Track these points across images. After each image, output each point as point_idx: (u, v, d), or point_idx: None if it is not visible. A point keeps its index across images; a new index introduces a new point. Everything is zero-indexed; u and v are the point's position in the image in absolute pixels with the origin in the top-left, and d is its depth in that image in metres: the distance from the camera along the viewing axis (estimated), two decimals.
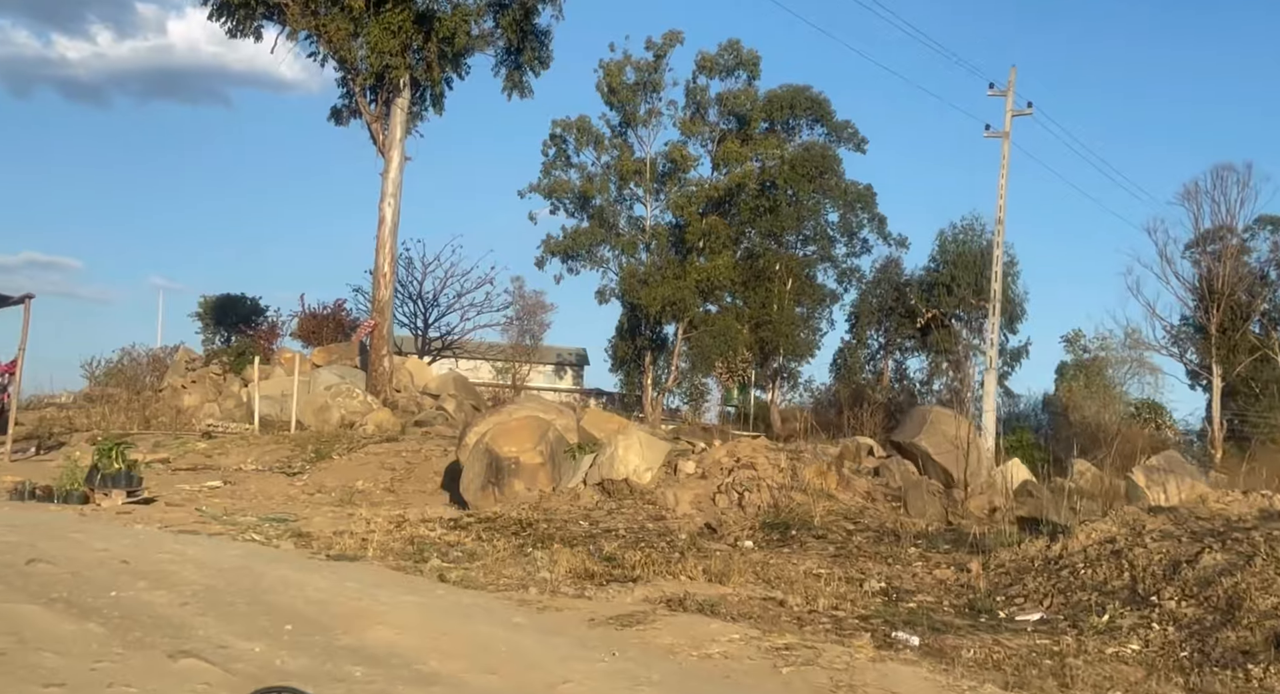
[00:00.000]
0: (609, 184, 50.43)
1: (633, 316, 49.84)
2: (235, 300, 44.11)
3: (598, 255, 50.71)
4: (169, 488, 17.98)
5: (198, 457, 21.08)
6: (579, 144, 50.19)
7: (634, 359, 50.83)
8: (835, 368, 51.00)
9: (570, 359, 57.35)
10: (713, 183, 49.09)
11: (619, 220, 50.80)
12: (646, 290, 47.23)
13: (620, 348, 50.77)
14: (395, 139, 27.30)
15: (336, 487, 18.47)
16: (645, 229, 50.59)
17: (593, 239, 50.14)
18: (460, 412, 26.37)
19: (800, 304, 50.38)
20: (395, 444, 20.85)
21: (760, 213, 48.69)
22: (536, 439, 16.14)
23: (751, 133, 49.01)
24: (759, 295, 49.02)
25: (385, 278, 27.97)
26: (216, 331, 44.89)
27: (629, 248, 50.17)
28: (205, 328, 44.93)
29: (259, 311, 42.96)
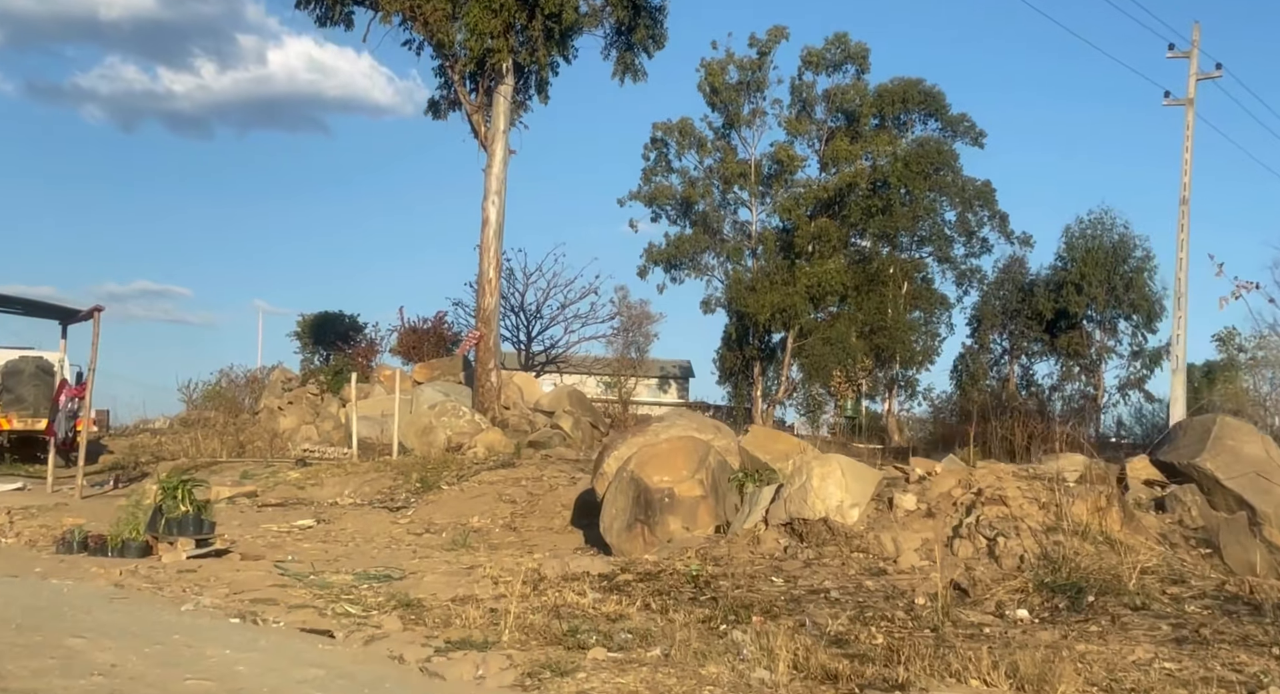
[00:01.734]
0: (712, 188, 46.77)
1: (740, 326, 46.02)
2: (333, 318, 41.42)
3: (702, 263, 47.09)
4: (253, 529, 14.66)
5: (289, 488, 17.80)
6: (680, 148, 46.64)
7: (742, 370, 46.99)
8: (956, 374, 46.48)
9: (674, 372, 53.70)
10: (821, 183, 45.10)
11: (723, 226, 47.12)
12: (754, 298, 43.41)
13: (727, 359, 46.97)
14: (498, 130, 23.94)
15: (447, 524, 14.98)
16: (751, 234, 46.81)
17: (696, 246, 46.53)
18: (578, 430, 22.80)
19: (916, 308, 46.04)
20: (511, 471, 17.31)
21: (872, 213, 44.57)
22: (694, 465, 12.42)
23: (861, 130, 44.96)
24: (872, 300, 44.81)
25: (490, 284, 24.60)
26: (315, 350, 42.25)
27: (734, 254, 46.44)
28: (304, 347, 42.32)
29: (357, 328, 40.13)
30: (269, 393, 31.13)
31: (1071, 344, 42.44)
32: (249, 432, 28.53)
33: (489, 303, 24.73)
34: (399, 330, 32.38)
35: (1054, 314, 42.37)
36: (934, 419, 43.28)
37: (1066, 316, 42.28)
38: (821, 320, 45.06)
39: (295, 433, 27.74)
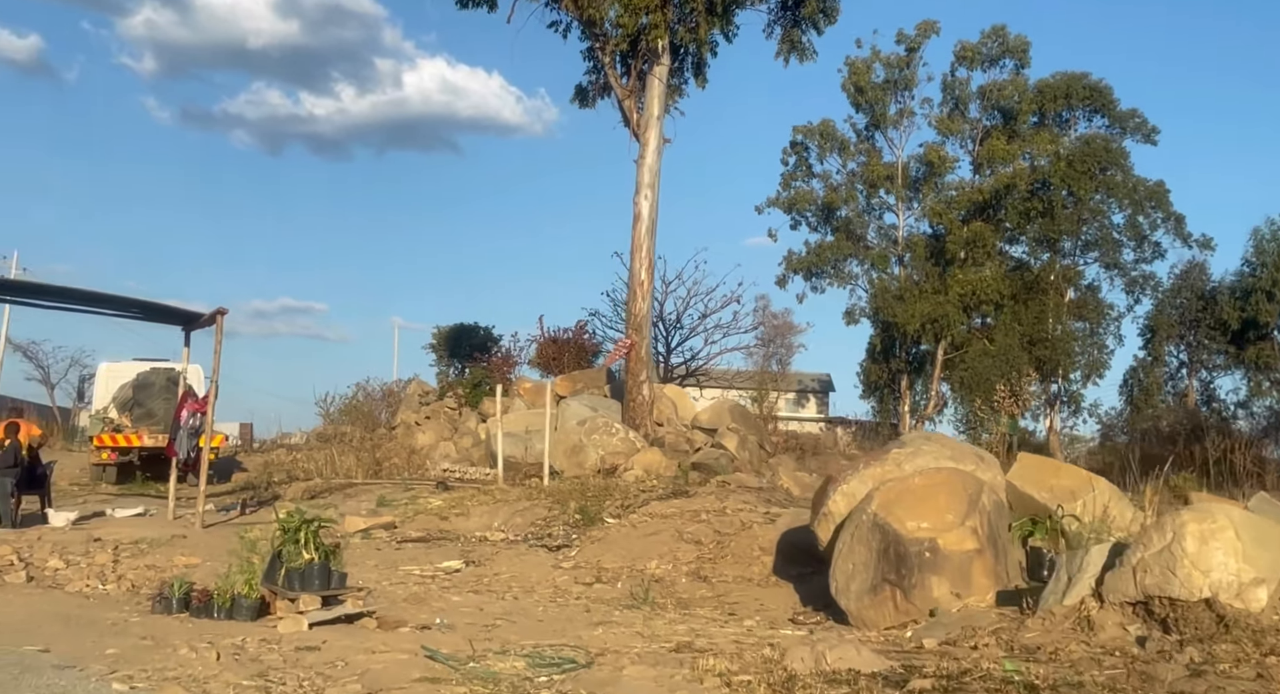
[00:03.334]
0: (855, 193, 43.03)
1: (886, 337, 42.09)
2: (468, 330, 39.03)
3: (845, 271, 43.34)
4: (390, 572, 11.77)
5: (430, 518, 14.93)
6: (822, 151, 43.04)
7: (888, 384, 42.98)
8: (1126, 390, 41.57)
9: (813, 385, 49.97)
10: (975, 186, 40.95)
11: (867, 232, 43.32)
12: (902, 307, 39.49)
13: (872, 371, 43.04)
14: (652, 116, 20.89)
15: (620, 569, 11.84)
16: (898, 240, 42.87)
17: (839, 253, 42.82)
18: (744, 450, 19.48)
19: (1081, 318, 41.36)
20: (686, 501, 14.09)
21: (1031, 217, 40.13)
22: (962, 507, 8.99)
23: (1019, 128, 40.66)
24: (1031, 309, 40.30)
25: (642, 287, 21.52)
26: (450, 363, 40.00)
27: (880, 261, 42.56)
28: (439, 360, 40.09)
29: (492, 340, 37.60)
30: (406, 407, 28.71)
31: (1261, 356, 37.27)
32: (385, 448, 26.08)
33: (641, 308, 21.65)
34: (538, 340, 29.57)
35: (1240, 324, 37.28)
36: (1103, 438, 38.66)
37: (1255, 326, 37.18)
38: (975, 331, 40.87)
39: (433, 450, 25.12)
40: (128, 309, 15.24)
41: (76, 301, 14.63)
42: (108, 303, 14.83)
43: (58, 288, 14.13)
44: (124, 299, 14.74)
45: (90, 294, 14.31)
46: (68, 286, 14.13)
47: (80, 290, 14.22)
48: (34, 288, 14.17)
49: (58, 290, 14.28)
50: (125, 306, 15.04)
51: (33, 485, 14.87)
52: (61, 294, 14.47)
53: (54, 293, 14.45)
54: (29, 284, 13.83)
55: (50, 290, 14.37)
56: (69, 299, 14.60)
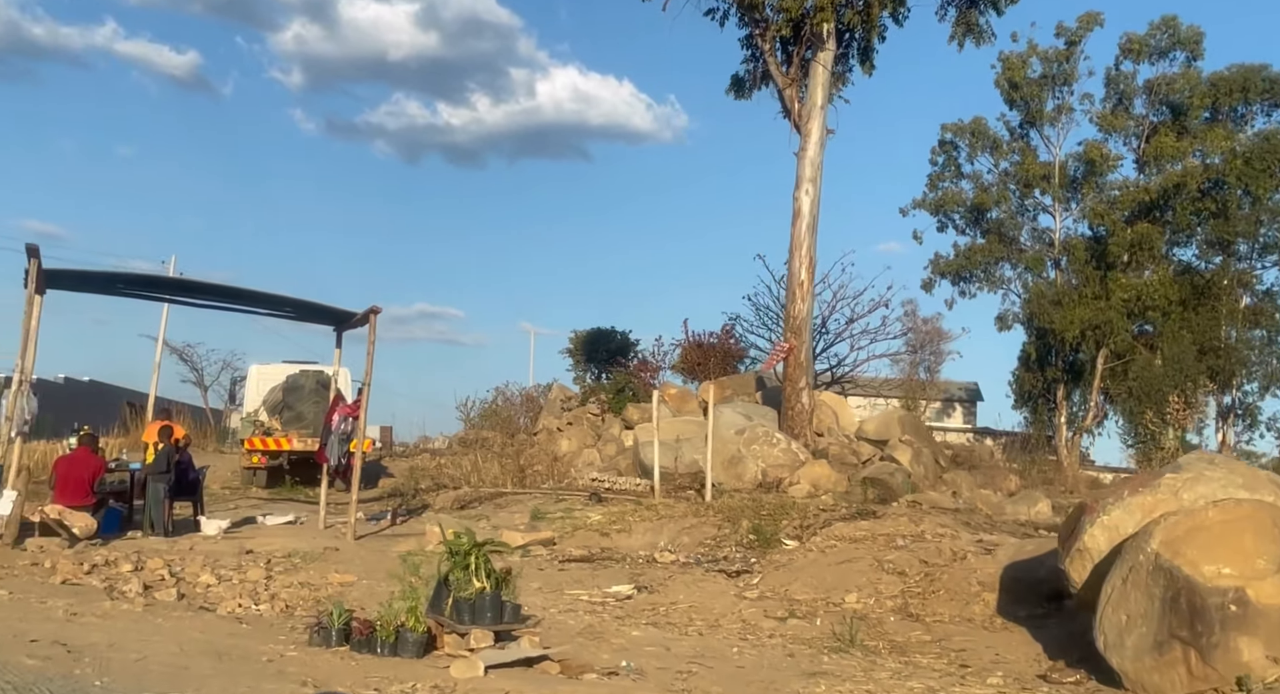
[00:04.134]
0: (1008, 193, 40.23)
1: (1041, 344, 39.09)
2: (605, 334, 37.95)
3: (996, 275, 40.58)
4: (557, 597, 10.45)
5: (590, 534, 13.61)
6: (972, 150, 40.42)
7: (1043, 393, 39.99)
8: None
9: (959, 394, 47.22)
10: (1140, 185, 37.74)
11: (1020, 234, 40.44)
12: (1060, 313, 36.54)
13: (1026, 380, 40.07)
14: (815, 105, 19.24)
15: (813, 602, 10.25)
16: (1054, 242, 39.90)
17: (989, 256, 40.08)
18: (918, 465, 17.61)
19: (1257, 326, 37.71)
20: (875, 523, 12.40)
21: (1203, 218, 36.71)
22: (1277, 551, 7.10)
23: (1189, 124, 37.28)
24: (1201, 316, 36.84)
25: (803, 287, 19.86)
26: (587, 368, 38.99)
27: (1035, 264, 39.66)
28: (576, 365, 39.12)
29: (629, 345, 36.42)
30: (547, 412, 27.64)
31: None
32: (528, 453, 25.03)
33: (800, 309, 19.99)
34: (682, 345, 28.17)
35: None
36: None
37: None
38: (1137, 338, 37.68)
39: (576, 457, 23.95)
40: (282, 308, 14.43)
41: (234, 300, 13.90)
42: (264, 302, 14.05)
43: (218, 286, 13.41)
44: (280, 298, 13.92)
45: (248, 293, 13.54)
46: (227, 285, 13.43)
47: (238, 289, 13.47)
48: (195, 286, 13.48)
49: (217, 289, 13.55)
50: (280, 305, 14.22)
51: (185, 491, 14.16)
52: (221, 293, 13.74)
53: (214, 291, 13.74)
54: (191, 282, 13.15)
55: (210, 289, 13.66)
56: (227, 298, 13.88)
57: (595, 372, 38.91)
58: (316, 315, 14.61)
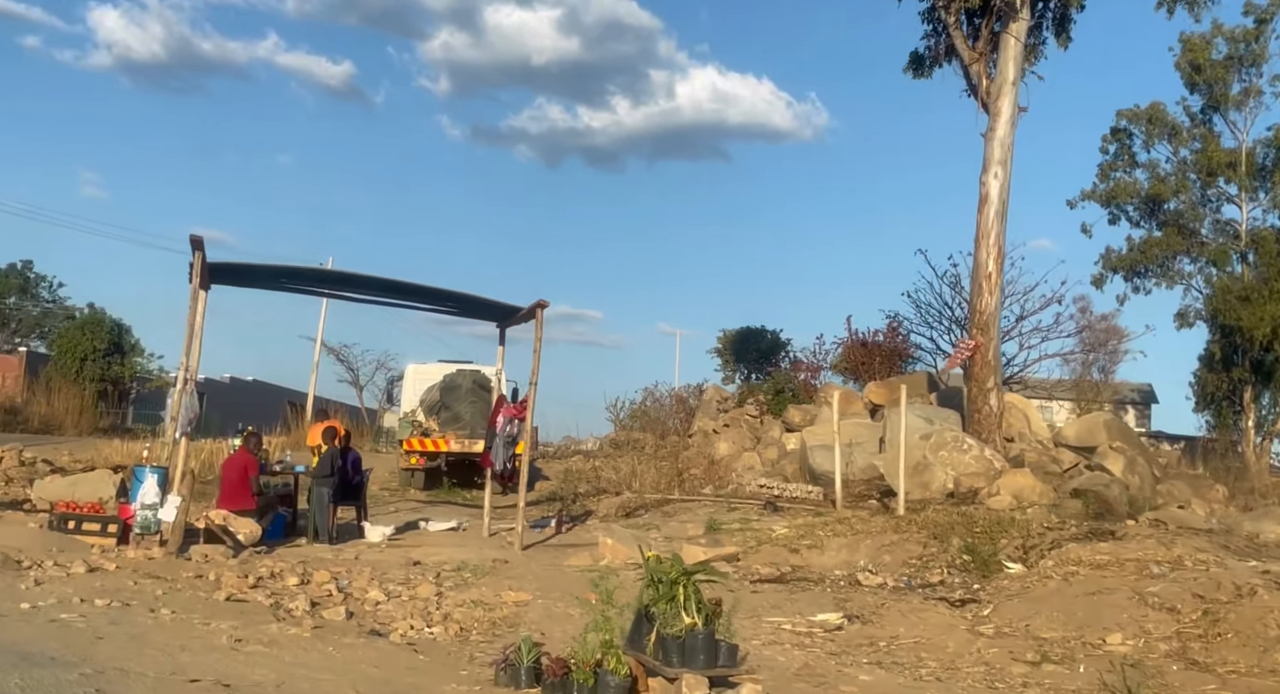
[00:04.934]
0: (1188, 183, 36.84)
1: (1226, 343, 35.59)
2: (755, 334, 36.38)
3: (1174, 269, 37.26)
4: (756, 627, 8.99)
5: (777, 549, 12.10)
6: (1149, 137, 37.17)
7: (1227, 396, 36.42)
8: None
9: (1132, 396, 43.72)
10: None
11: (1202, 226, 36.99)
12: (1249, 310, 33.10)
13: (1208, 381, 36.57)
14: (1005, 82, 17.27)
15: (1065, 641, 8.50)
16: (1240, 234, 36.33)
17: (1167, 250, 36.80)
18: (1132, 474, 15.45)
19: None
20: (1116, 545, 10.50)
21: None
22: None
23: None
24: None
25: (990, 279, 17.90)
26: (736, 368, 37.48)
27: (1220, 258, 36.19)
28: (724, 365, 37.67)
29: (780, 345, 34.71)
30: (702, 414, 26.25)
31: None
32: (683, 456, 23.70)
33: (988, 303, 18.02)
34: (845, 343, 26.33)
35: None
36: None
37: None
38: None
39: (734, 460, 22.47)
40: (446, 303, 13.48)
41: (398, 295, 13.03)
42: (428, 296, 13.13)
43: (383, 280, 12.52)
44: (444, 292, 12.96)
45: (412, 287, 12.61)
46: (392, 279, 12.49)
47: (403, 283, 12.54)
48: (359, 280, 12.63)
49: (382, 283, 12.67)
50: (444, 300, 13.27)
51: (349, 495, 13.33)
52: (385, 287, 12.86)
53: (378, 285, 12.88)
54: (355, 276, 12.27)
55: (374, 283, 12.79)
56: (391, 292, 13.01)
57: (745, 372, 37.40)
58: (480, 310, 13.59)
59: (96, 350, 34.38)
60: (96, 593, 7.97)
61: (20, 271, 45.00)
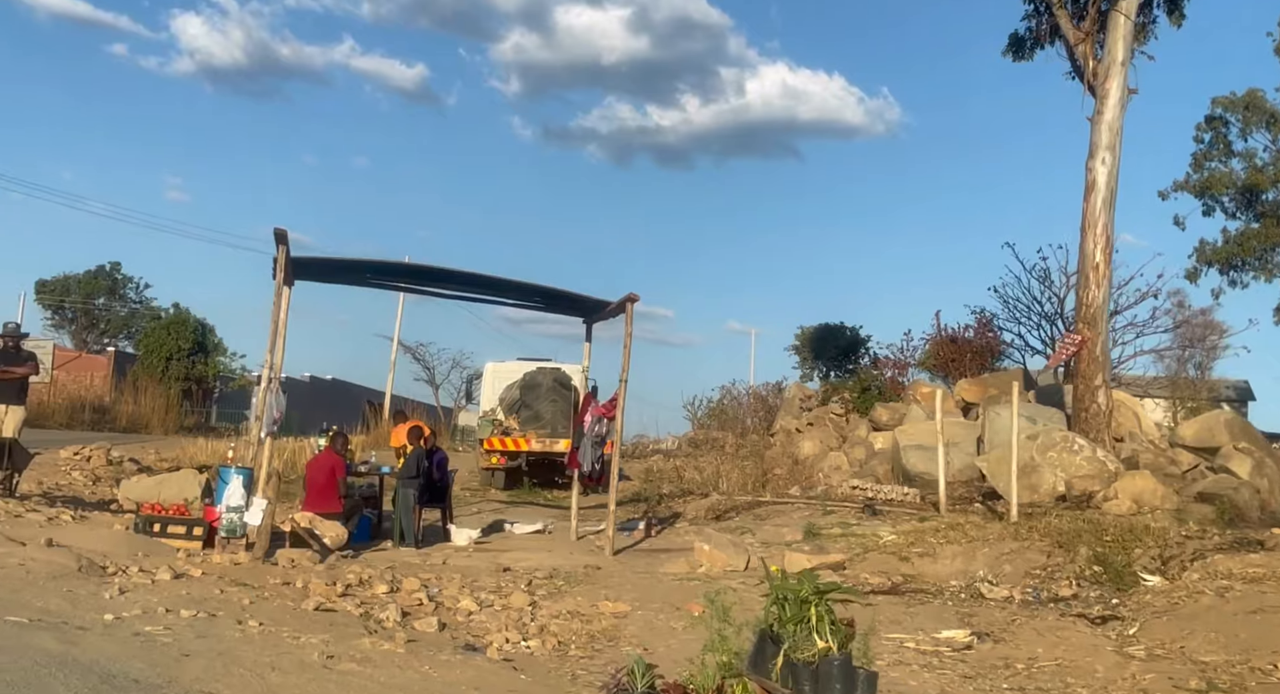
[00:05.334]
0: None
1: None
2: (833, 331, 35.37)
3: (1272, 262, 35.26)
4: (876, 644, 8.12)
5: (884, 557, 11.29)
6: (1246, 125, 35.23)
7: None
8: None
9: (1229, 394, 41.69)
10: None
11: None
12: None
13: None
14: (1114, 62, 16.16)
15: (1232, 667, 7.56)
16: None
17: (1266, 242, 34.82)
18: (1260, 477, 14.29)
19: None
20: (1270, 556, 9.49)
21: None
22: None
23: None
24: None
25: (1098, 270, 16.80)
26: (814, 366, 36.51)
27: None
28: (802, 362, 36.72)
29: (859, 342, 33.70)
30: (785, 412, 25.42)
31: None
32: (765, 456, 22.92)
33: (1095, 296, 16.92)
34: (932, 339, 25.26)
35: None
36: None
37: None
38: None
39: (819, 460, 21.60)
40: (532, 298, 12.92)
41: (483, 289, 12.51)
42: (514, 290, 12.56)
43: (467, 274, 12.00)
44: (530, 286, 12.38)
45: (498, 281, 12.06)
46: (477, 273, 11.96)
47: (488, 277, 12.01)
48: (444, 274, 12.09)
49: (466, 277, 12.15)
50: (530, 295, 12.71)
51: (434, 497, 12.83)
52: (469, 281, 12.34)
53: (462, 280, 12.36)
54: (440, 270, 11.73)
55: (458, 277, 12.27)
56: (476, 286, 12.49)
57: (823, 369, 36.43)
58: (567, 305, 13.01)
59: (181, 350, 34.74)
60: (182, 602, 7.51)
61: (109, 273, 45.90)
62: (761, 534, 13.20)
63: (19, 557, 8.02)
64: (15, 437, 11.71)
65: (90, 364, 36.75)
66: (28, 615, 6.25)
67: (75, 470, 15.86)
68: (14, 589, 7.02)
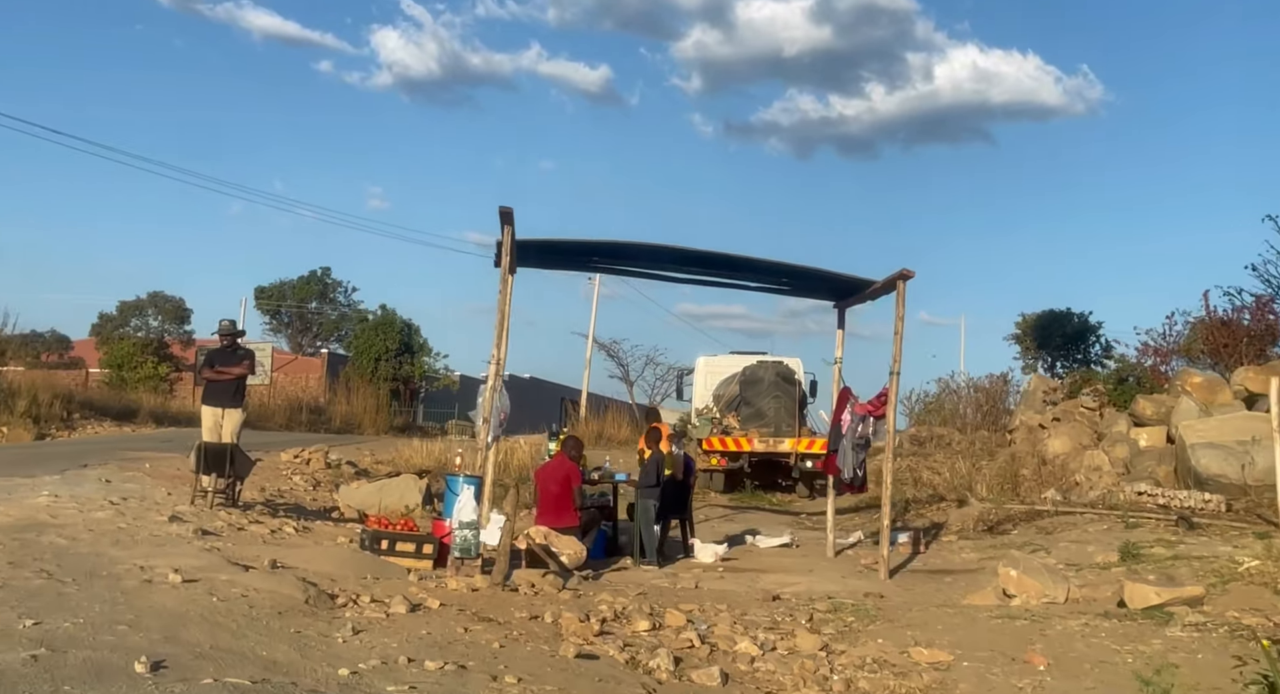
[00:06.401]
0: None
1: None
2: (1059, 317, 31.94)
3: None
4: None
5: (1253, 589, 8.81)
6: None
7: None
8: None
9: None
10: None
11: None
12: None
13: None
14: None
15: None
16: None
17: None
18: None
19: None
20: None
21: None
22: None
23: None
24: None
25: None
26: (1038, 356, 33.16)
27: None
28: (1024, 351, 33.41)
29: (1089, 329, 30.17)
30: (1025, 406, 22.60)
31: None
32: (1003, 455, 20.29)
33: None
34: (1201, 323, 21.85)
35: None
36: None
37: None
38: None
39: (1072, 460, 18.76)
40: (777, 279, 11.15)
41: (722, 270, 10.83)
42: (758, 271, 10.82)
43: (704, 253, 10.32)
44: (778, 265, 10.58)
45: (741, 260, 10.36)
46: (716, 252, 10.27)
47: (729, 256, 10.31)
48: (678, 254, 10.43)
49: (702, 257, 10.48)
50: (777, 275, 10.93)
51: (675, 507, 11.23)
52: (706, 261, 10.68)
53: (697, 260, 10.70)
54: (674, 250, 10.02)
55: (693, 257, 10.61)
56: (713, 267, 10.81)
57: (1047, 359, 33.10)
58: (819, 286, 11.14)
59: (389, 350, 34.93)
60: (425, 646, 6.12)
61: (319, 278, 47.28)
62: (1060, 553, 10.91)
63: (242, 585, 6.86)
64: (235, 442, 10.88)
65: (305, 366, 37.62)
66: (251, 673, 4.94)
67: (295, 474, 15.24)
68: (237, 633, 5.78)
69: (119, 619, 5.62)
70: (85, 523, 8.68)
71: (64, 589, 6.22)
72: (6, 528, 8.12)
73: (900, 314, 9.99)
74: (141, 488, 11.35)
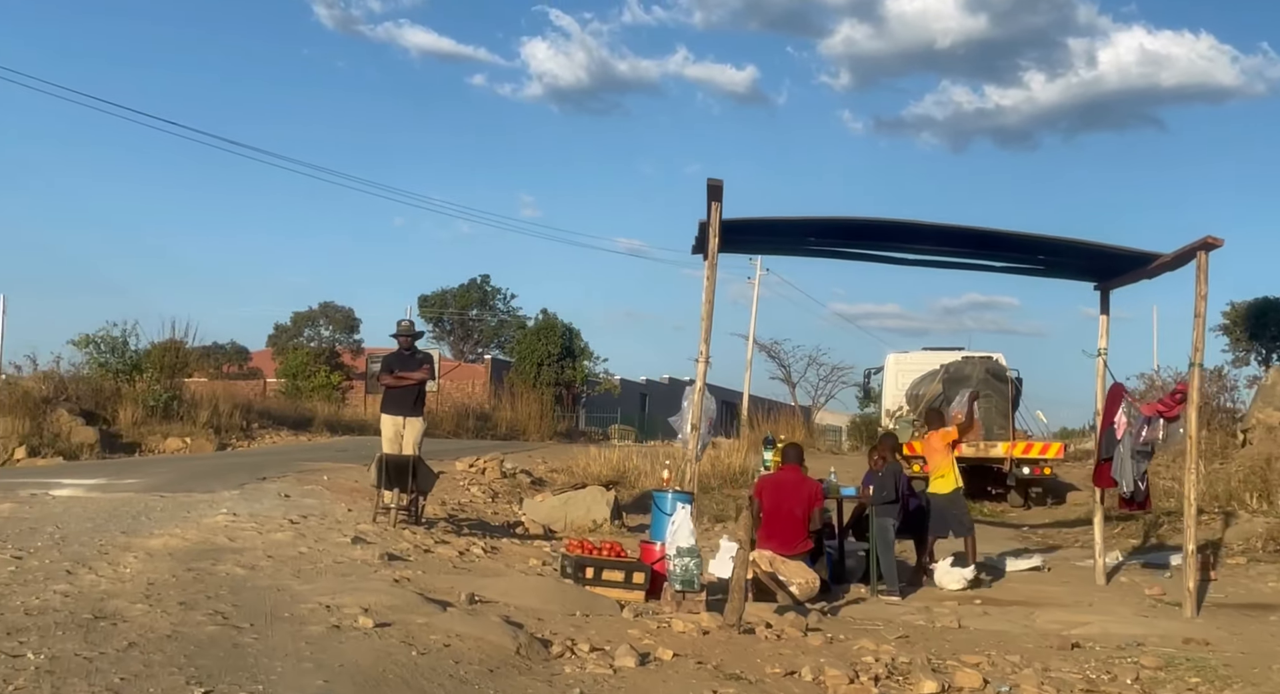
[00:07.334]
0: None
1: None
2: (1275, 305, 28.45)
3: None
4: None
5: None
6: None
7: None
8: None
9: None
10: None
11: None
12: None
13: None
14: None
15: None
16: None
17: None
18: None
19: None
20: None
21: None
22: None
23: None
24: None
25: None
26: (1250, 347, 29.62)
27: None
28: (1234, 343, 29.89)
29: None
30: (1263, 402, 19.63)
31: None
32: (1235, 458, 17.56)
33: None
34: None
35: None
36: None
37: None
38: None
39: None
40: (1030, 256, 9.27)
41: (966, 247, 9.06)
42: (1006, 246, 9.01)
43: (943, 228, 8.58)
44: (1029, 239, 8.72)
45: (983, 234, 8.58)
46: (959, 226, 8.53)
47: (974, 230, 8.55)
48: (914, 230, 8.71)
49: (941, 232, 8.74)
50: (1027, 250, 9.09)
51: (910, 526, 9.48)
52: (945, 237, 8.93)
53: (933, 236, 8.97)
54: (910, 225, 8.31)
55: (928, 233, 8.87)
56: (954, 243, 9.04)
57: (1260, 352, 29.55)
58: (1082, 262, 9.17)
59: (550, 355, 34.20)
60: None
61: (479, 286, 47.29)
62: None
63: (442, 631, 5.58)
64: (417, 453, 9.79)
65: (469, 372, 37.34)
66: None
67: (472, 485, 14.21)
68: None
69: (306, 686, 4.38)
70: (264, 547, 7.66)
71: (240, 639, 5.05)
72: (182, 554, 7.15)
73: (1202, 293, 7.96)
74: (321, 504, 10.41)
